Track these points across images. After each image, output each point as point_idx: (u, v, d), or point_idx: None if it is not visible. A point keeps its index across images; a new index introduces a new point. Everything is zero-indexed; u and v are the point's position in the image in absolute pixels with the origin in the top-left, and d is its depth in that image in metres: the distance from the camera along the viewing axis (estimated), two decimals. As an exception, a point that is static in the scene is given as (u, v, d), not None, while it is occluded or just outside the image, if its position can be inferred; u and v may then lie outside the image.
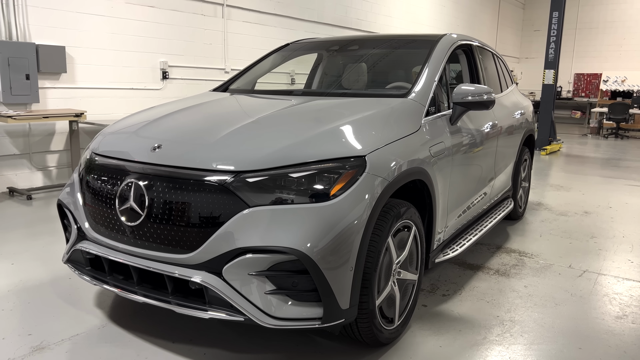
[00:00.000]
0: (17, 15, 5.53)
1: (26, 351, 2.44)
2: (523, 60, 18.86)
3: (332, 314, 2.12)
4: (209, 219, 2.12)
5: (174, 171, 2.23)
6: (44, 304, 2.95)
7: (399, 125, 2.64)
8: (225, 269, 2.09)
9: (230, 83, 3.85)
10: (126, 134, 2.68)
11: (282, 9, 8.79)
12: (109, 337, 2.59)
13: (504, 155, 4.17)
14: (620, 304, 3.13)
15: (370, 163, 2.26)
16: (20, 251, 3.80)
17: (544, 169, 8.31)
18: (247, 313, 2.08)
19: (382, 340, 2.45)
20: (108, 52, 6.44)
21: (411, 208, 2.55)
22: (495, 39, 16.80)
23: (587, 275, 3.58)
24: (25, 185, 5.85)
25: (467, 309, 2.99)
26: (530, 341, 2.64)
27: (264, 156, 2.19)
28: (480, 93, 3.05)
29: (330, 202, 2.12)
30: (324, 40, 4.24)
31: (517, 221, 4.96)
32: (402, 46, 3.82)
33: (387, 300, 2.46)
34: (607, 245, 4.28)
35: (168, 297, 2.25)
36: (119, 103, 6.61)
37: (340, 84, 3.87)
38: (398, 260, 2.49)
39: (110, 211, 2.37)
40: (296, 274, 2.08)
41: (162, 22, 7.01)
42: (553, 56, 10.48)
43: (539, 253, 4.04)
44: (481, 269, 3.65)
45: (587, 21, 17.23)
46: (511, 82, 4.94)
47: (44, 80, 5.86)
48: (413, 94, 2.93)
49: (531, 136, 5.04)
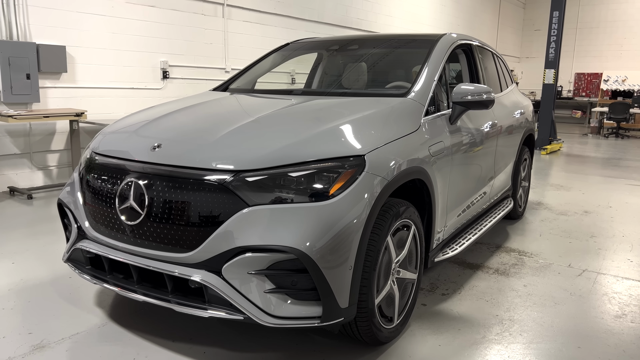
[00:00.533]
0: (18, 15, 5.54)
1: (27, 350, 2.45)
2: (524, 59, 18.86)
3: (331, 312, 2.13)
4: (208, 218, 2.13)
5: (173, 170, 2.24)
6: (44, 303, 2.95)
7: (398, 124, 2.65)
8: (224, 268, 2.09)
9: (230, 82, 3.86)
10: (126, 134, 2.68)
11: (282, 9, 8.80)
12: (109, 336, 2.59)
13: (503, 154, 4.18)
14: (619, 303, 3.14)
15: (370, 162, 2.26)
16: (20, 250, 3.81)
17: (544, 169, 8.31)
18: (246, 312, 2.08)
19: (381, 339, 2.45)
20: (108, 51, 6.45)
21: (410, 207, 2.55)
22: (496, 38, 16.80)
23: (586, 275, 3.59)
24: (25, 184, 5.87)
25: (467, 308, 3.00)
26: (530, 340, 2.65)
27: (264, 155, 2.20)
28: (480, 92, 3.06)
29: (330, 201, 2.12)
30: (323, 39, 4.24)
31: (517, 220, 4.97)
32: (401, 46, 3.82)
33: (387, 299, 2.46)
34: (607, 245, 4.29)
35: (168, 296, 2.26)
36: (119, 103, 6.62)
37: (340, 83, 3.88)
38: (397, 259, 2.49)
39: (110, 210, 2.37)
40: (295, 272, 2.09)
41: (163, 22, 7.02)
42: (553, 56, 10.48)
43: (538, 252, 4.04)
44: (481, 268, 3.66)
45: (588, 21, 17.23)
46: (511, 81, 4.94)
47: (45, 80, 5.87)
48: (412, 94, 2.94)
49: (531, 136, 5.04)
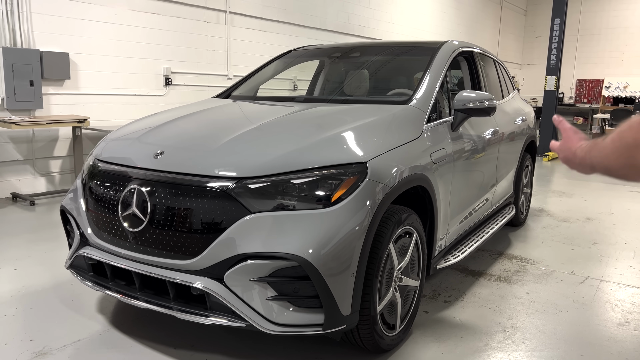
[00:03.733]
0: (22, 22, 5.57)
1: (28, 357, 2.45)
2: (525, 66, 18.88)
3: (334, 320, 2.12)
4: (211, 225, 2.13)
5: (176, 177, 2.24)
6: (46, 310, 2.95)
7: (400, 131, 2.65)
8: (226, 275, 2.09)
9: (232, 90, 3.87)
10: (129, 141, 2.69)
11: (284, 16, 8.84)
12: (110, 342, 2.59)
13: (505, 161, 4.18)
14: (622, 310, 3.13)
15: (372, 169, 2.27)
16: (23, 257, 3.82)
17: (546, 175, 8.31)
18: (248, 319, 2.08)
19: (383, 347, 2.45)
20: (111, 58, 6.48)
21: (412, 214, 2.55)
22: (497, 45, 16.83)
23: (589, 282, 3.58)
24: (28, 190, 5.88)
25: (469, 316, 2.99)
26: (532, 348, 2.64)
27: (266, 162, 2.20)
28: (482, 100, 3.06)
29: (332, 208, 2.13)
30: (326, 47, 4.26)
31: (519, 227, 4.96)
32: (403, 53, 3.84)
33: (389, 306, 2.46)
34: (609, 252, 4.28)
35: (170, 303, 2.26)
36: (122, 109, 6.64)
37: (341, 90, 3.89)
38: (399, 267, 2.49)
39: (113, 217, 2.38)
40: (297, 280, 2.09)
41: (166, 29, 7.06)
42: (555, 62, 10.49)
43: (540, 259, 4.03)
44: (483, 275, 3.65)
45: (589, 27, 17.25)
46: (512, 88, 4.95)
47: (48, 87, 5.90)
48: (414, 101, 2.95)
49: (533, 142, 5.04)
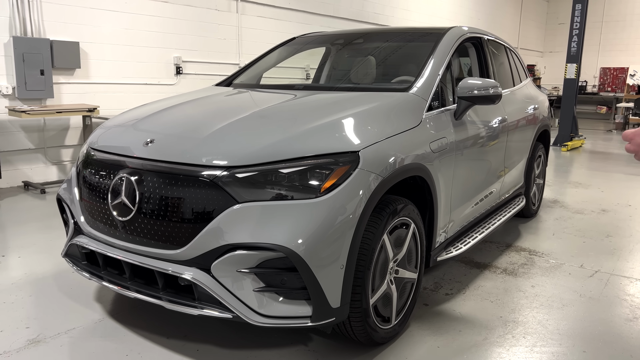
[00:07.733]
0: (32, 11, 5.60)
1: (22, 344, 2.46)
2: (547, 54, 18.44)
3: (322, 312, 2.08)
4: (198, 214, 2.09)
5: (164, 166, 2.21)
6: (45, 298, 2.97)
7: (398, 120, 2.57)
8: (214, 265, 2.06)
9: (234, 77, 3.82)
10: (122, 128, 2.67)
11: (297, 4, 8.74)
12: (105, 331, 2.59)
13: (515, 151, 4.06)
14: (631, 305, 3.02)
15: (364, 159, 2.20)
16: (28, 244, 3.85)
17: (564, 166, 8.11)
18: (235, 310, 2.05)
19: (377, 340, 2.39)
20: (122, 47, 6.48)
21: (409, 205, 2.48)
22: (518, 32, 16.46)
23: (598, 276, 3.46)
24: (39, 179, 5.95)
25: (470, 309, 2.91)
26: (533, 343, 2.56)
27: (255, 151, 2.15)
28: (487, 87, 2.96)
29: (321, 198, 2.07)
30: (330, 33, 4.18)
31: (531, 219, 4.84)
32: (408, 39, 3.74)
33: (383, 299, 2.40)
34: (623, 245, 4.14)
35: (159, 293, 2.24)
36: (132, 98, 6.65)
37: (345, 77, 3.81)
38: (395, 258, 2.43)
39: (104, 206, 2.36)
40: (285, 271, 2.04)
41: (176, 17, 7.03)
42: (575, 50, 10.19)
43: (550, 252, 3.92)
44: (488, 267, 3.56)
45: (614, 14, 16.74)
46: (525, 76, 4.80)
47: (59, 76, 5.93)
48: (415, 88, 2.86)
49: (546, 131, 4.90)
